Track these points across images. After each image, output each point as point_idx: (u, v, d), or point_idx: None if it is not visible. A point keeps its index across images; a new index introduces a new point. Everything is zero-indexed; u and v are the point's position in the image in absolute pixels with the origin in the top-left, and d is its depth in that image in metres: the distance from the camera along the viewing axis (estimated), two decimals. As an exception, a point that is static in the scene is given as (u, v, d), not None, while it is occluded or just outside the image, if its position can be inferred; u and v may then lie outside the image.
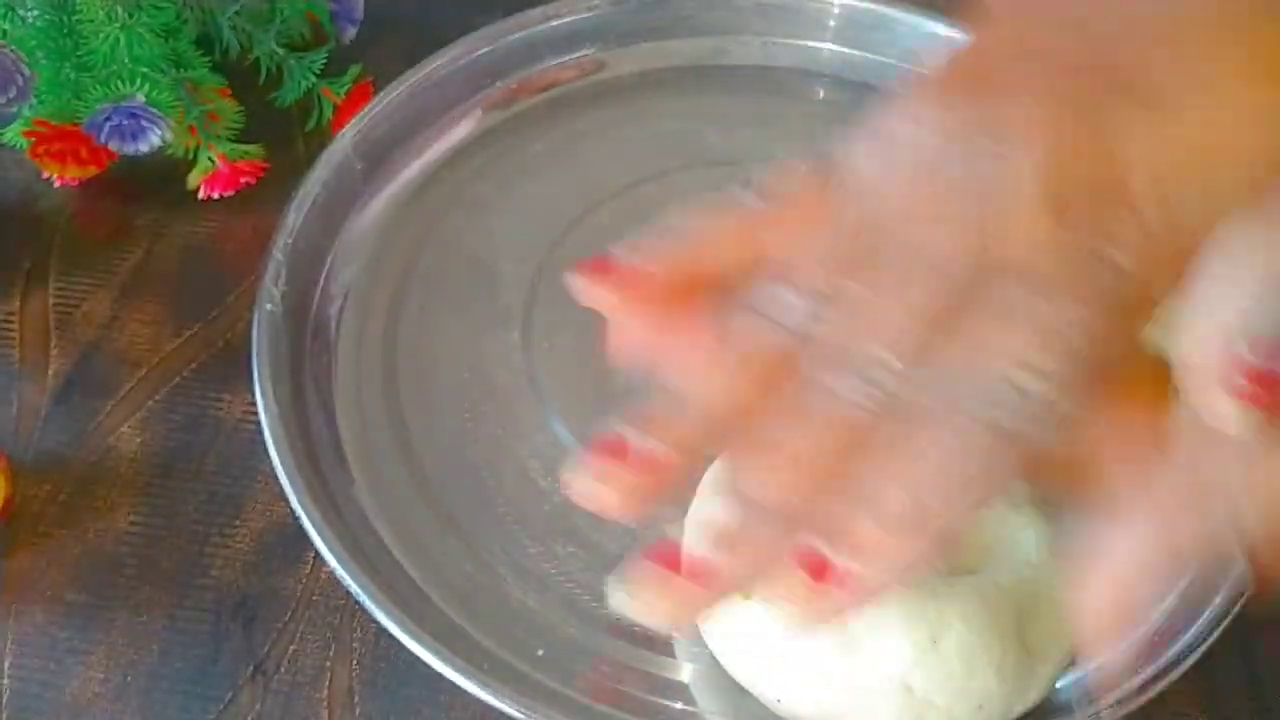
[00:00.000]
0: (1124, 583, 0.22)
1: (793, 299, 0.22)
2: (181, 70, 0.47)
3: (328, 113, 0.50)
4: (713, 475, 0.35)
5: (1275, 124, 0.22)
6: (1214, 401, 0.20)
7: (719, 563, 0.21)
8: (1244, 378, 0.20)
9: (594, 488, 0.22)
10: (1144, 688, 0.32)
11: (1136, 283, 0.21)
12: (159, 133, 0.46)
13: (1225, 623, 0.33)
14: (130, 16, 0.45)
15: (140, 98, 0.45)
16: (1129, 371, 0.23)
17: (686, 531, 0.35)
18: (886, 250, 0.22)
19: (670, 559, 0.21)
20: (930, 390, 0.21)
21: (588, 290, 0.25)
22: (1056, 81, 0.22)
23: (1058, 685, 0.34)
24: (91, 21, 0.45)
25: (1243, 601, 0.34)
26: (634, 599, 0.21)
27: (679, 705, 0.35)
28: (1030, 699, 0.33)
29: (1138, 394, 0.23)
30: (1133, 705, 0.32)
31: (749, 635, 0.33)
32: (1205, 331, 0.21)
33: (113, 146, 0.46)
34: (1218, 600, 0.34)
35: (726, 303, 0.23)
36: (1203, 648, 0.33)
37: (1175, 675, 0.33)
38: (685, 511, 0.36)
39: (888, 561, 0.20)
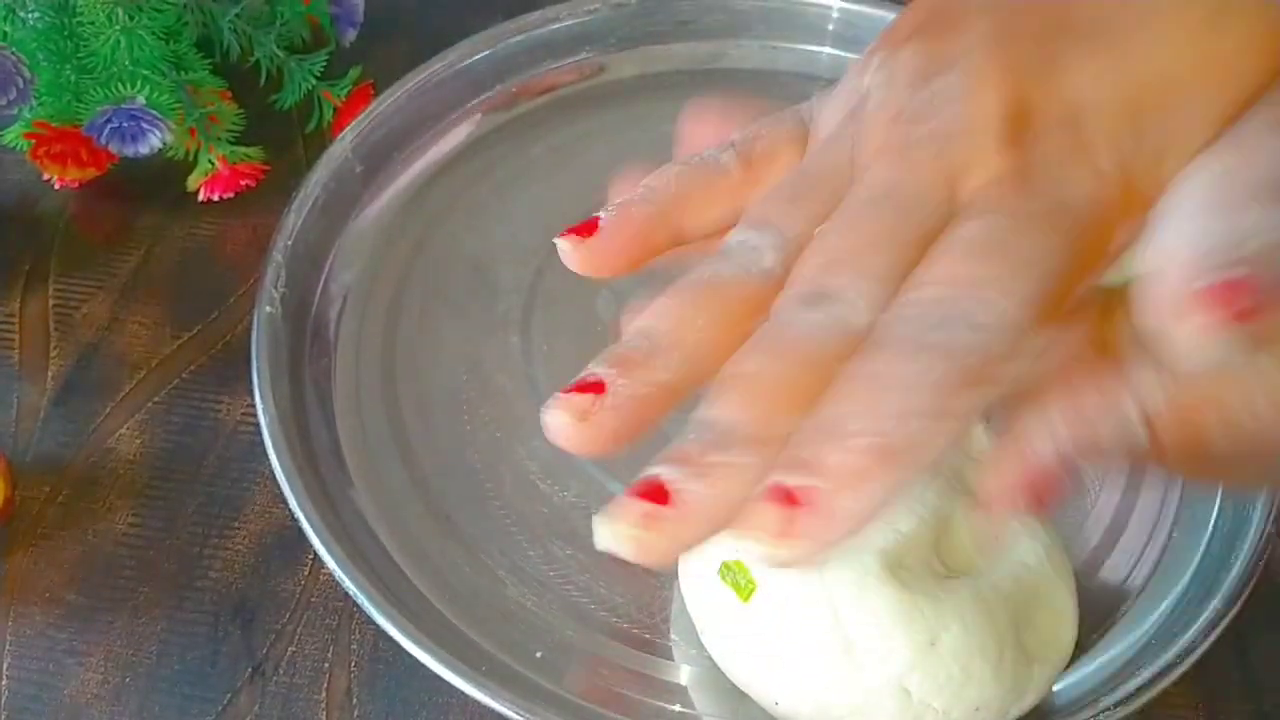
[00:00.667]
0: (1035, 463, 0.22)
1: (763, 242, 0.23)
2: (182, 72, 0.47)
3: (328, 115, 0.50)
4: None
5: (1225, 69, 0.23)
6: (1169, 326, 0.20)
7: (691, 492, 0.21)
8: (1207, 290, 0.20)
9: (570, 425, 0.22)
10: (1141, 690, 0.32)
11: (1094, 225, 0.22)
12: (159, 135, 0.46)
13: (1222, 625, 0.34)
14: (131, 19, 0.45)
15: (140, 100, 0.45)
16: (1084, 307, 0.23)
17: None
18: (854, 192, 0.23)
19: (654, 493, 0.21)
20: (899, 321, 0.21)
21: (568, 252, 0.25)
22: (1010, 21, 0.23)
23: (1055, 688, 0.34)
24: (92, 24, 0.45)
25: (1240, 604, 0.34)
26: (616, 533, 0.21)
27: (677, 708, 0.35)
28: (1028, 701, 0.33)
29: (1083, 314, 0.24)
30: (1131, 707, 0.32)
31: (747, 638, 0.33)
32: (1163, 256, 0.21)
33: (113, 148, 0.46)
34: (1215, 603, 0.34)
35: (704, 255, 0.24)
36: (1200, 650, 0.33)
37: (1173, 677, 0.33)
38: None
39: (859, 489, 0.20)
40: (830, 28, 0.51)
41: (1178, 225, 0.21)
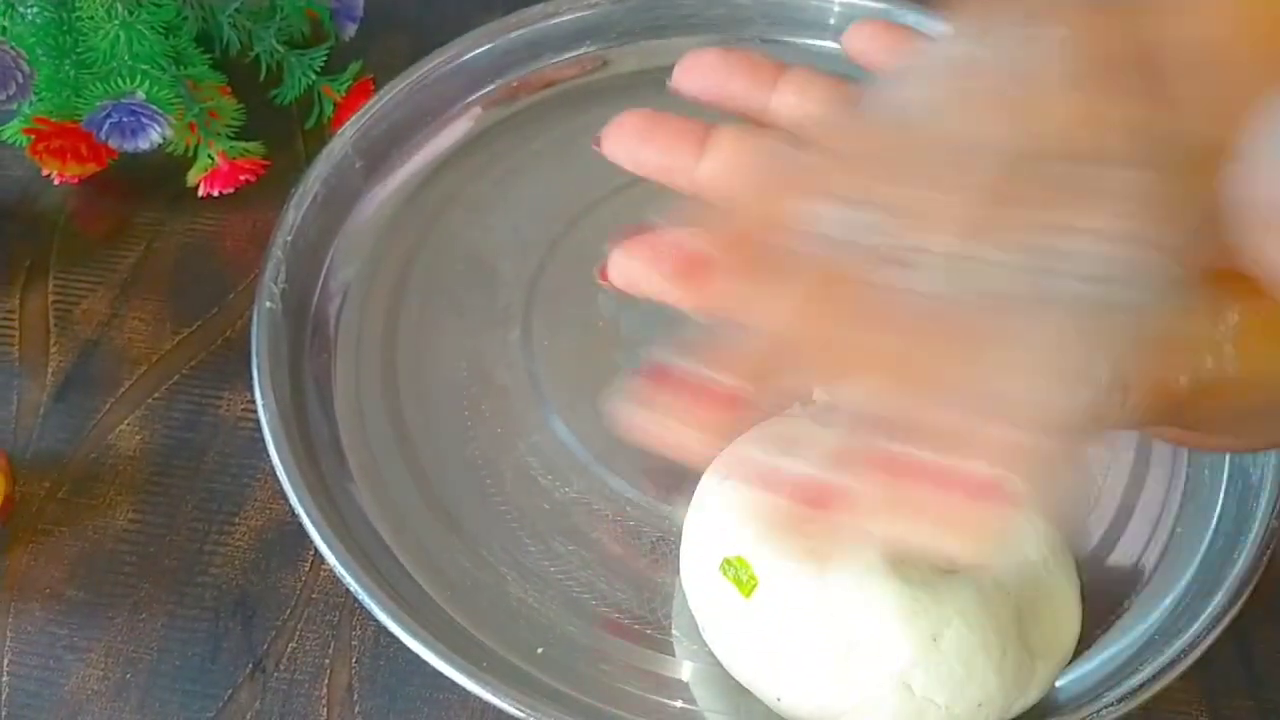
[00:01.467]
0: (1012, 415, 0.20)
1: (835, 213, 0.21)
2: (181, 67, 0.47)
3: (328, 110, 0.50)
4: (711, 472, 0.35)
5: None
6: (1269, 243, 0.19)
7: (787, 472, 0.20)
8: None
9: (672, 428, 0.20)
10: (1143, 687, 0.32)
11: (1184, 142, 0.20)
12: (159, 130, 0.46)
13: (1226, 621, 0.33)
14: (130, 13, 0.45)
15: (140, 95, 0.45)
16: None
17: (687, 527, 0.35)
18: (923, 147, 0.21)
19: (826, 497, 0.19)
20: (1006, 267, 0.20)
21: (618, 270, 0.23)
22: None
23: (1058, 684, 0.34)
24: (91, 19, 0.45)
25: (1243, 600, 0.34)
26: (784, 522, 0.20)
27: (679, 703, 0.35)
28: (1030, 697, 0.32)
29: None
30: (1134, 703, 0.32)
31: (749, 634, 0.33)
32: (1259, 178, 0.19)
33: (112, 144, 0.46)
34: (1218, 599, 0.34)
35: (779, 237, 0.22)
36: (1203, 646, 0.33)
37: (1176, 673, 0.33)
38: (685, 510, 0.36)
39: (1020, 462, 0.19)
40: (831, 21, 0.51)
41: (1274, 142, 0.20)
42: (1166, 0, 0.22)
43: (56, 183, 0.47)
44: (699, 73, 0.27)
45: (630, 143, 0.26)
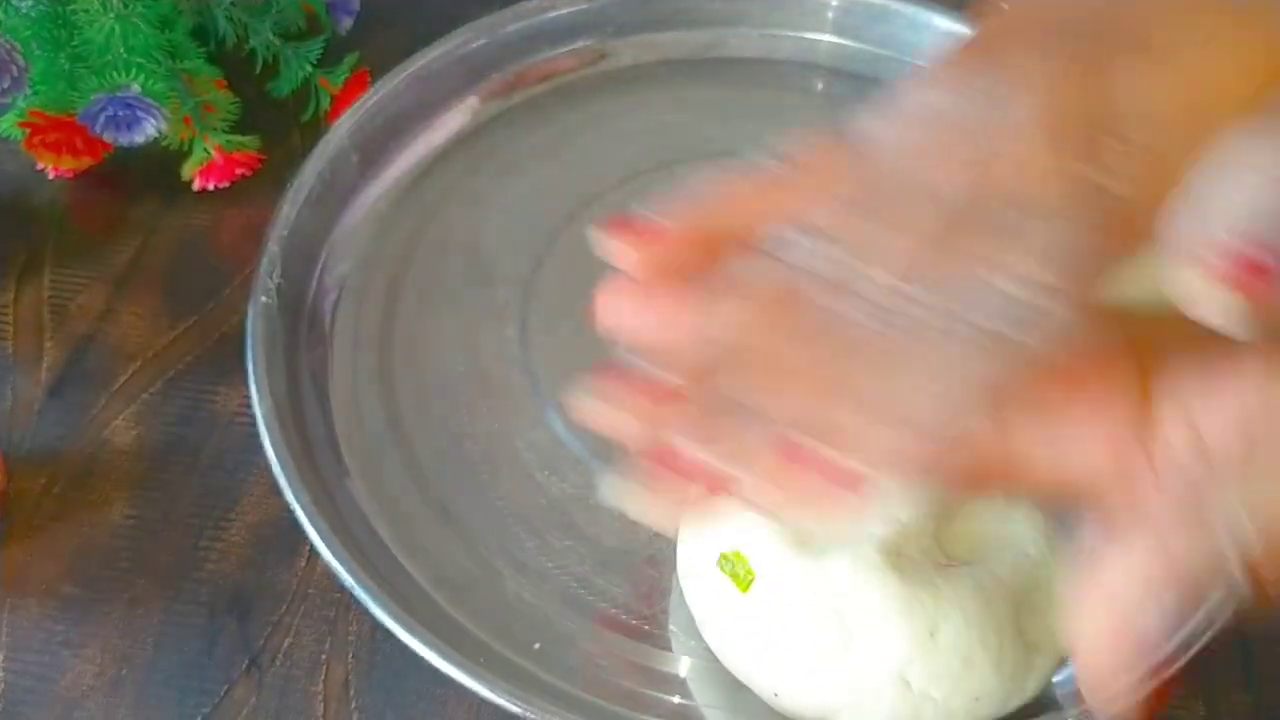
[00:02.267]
0: (1124, 606, 0.22)
1: (799, 240, 0.23)
2: (177, 61, 0.47)
3: (324, 103, 0.50)
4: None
5: (1256, 66, 0.23)
6: (1195, 281, 0.21)
7: (693, 457, 0.22)
8: (1232, 264, 0.20)
9: (605, 412, 0.23)
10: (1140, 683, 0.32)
11: (1129, 214, 0.22)
12: (154, 123, 0.46)
13: (1223, 617, 0.33)
14: (125, 6, 0.45)
15: (135, 88, 0.45)
16: (1107, 366, 0.24)
17: (684, 522, 0.35)
18: (890, 190, 0.23)
19: (674, 462, 0.22)
20: (928, 306, 0.22)
21: (609, 246, 0.25)
22: (1055, 38, 0.24)
23: (1055, 679, 0.34)
24: (86, 11, 0.45)
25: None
26: (626, 492, 0.22)
27: (676, 699, 0.35)
28: (1028, 692, 0.32)
29: (1117, 388, 0.24)
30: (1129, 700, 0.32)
31: (746, 629, 0.33)
32: (1197, 219, 0.22)
33: (108, 137, 0.46)
34: (1215, 594, 0.34)
35: (744, 255, 0.24)
36: (1200, 642, 0.33)
37: (1173, 670, 0.33)
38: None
39: (893, 464, 0.21)
40: (830, 15, 0.51)
41: (1216, 183, 0.22)
42: (1126, 65, 0.23)
43: (51, 177, 0.47)
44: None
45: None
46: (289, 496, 0.36)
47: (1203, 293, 0.21)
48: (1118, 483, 0.23)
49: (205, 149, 0.47)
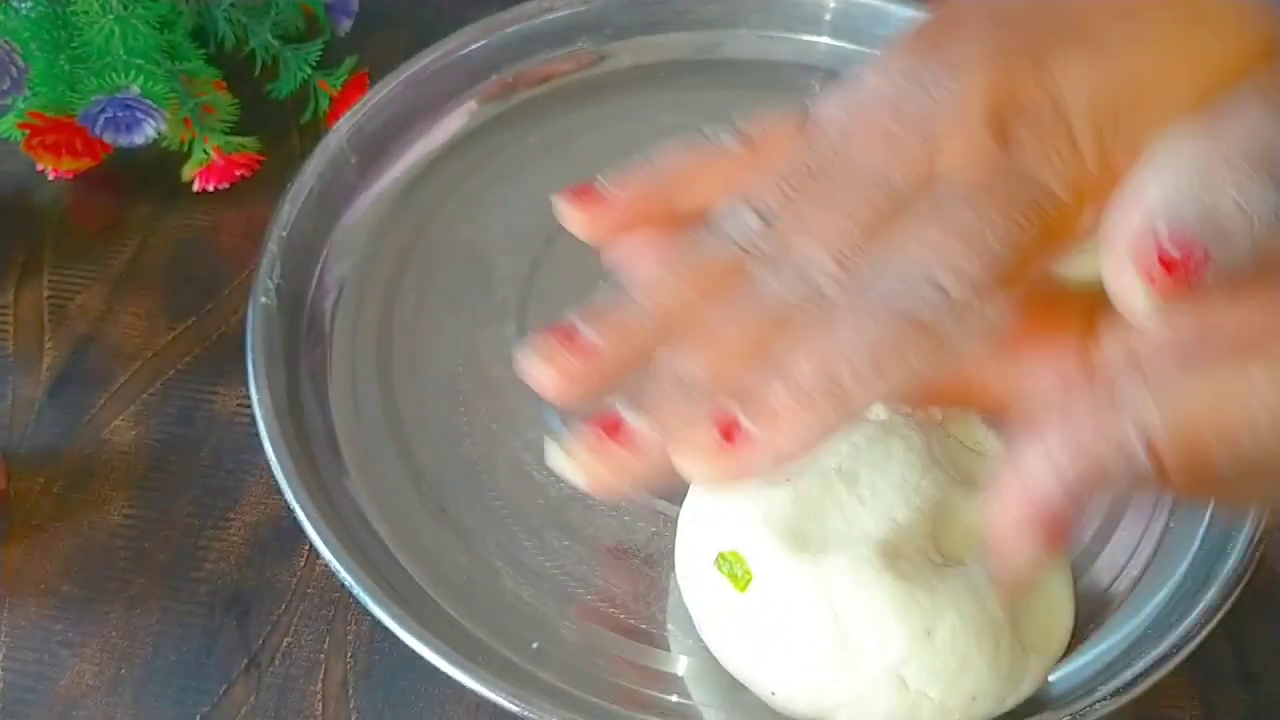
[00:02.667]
0: (1036, 491, 0.22)
1: (745, 216, 0.24)
2: (176, 62, 0.47)
3: (323, 105, 0.50)
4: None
5: (1201, 64, 0.24)
6: (1122, 275, 0.21)
7: (641, 427, 0.22)
8: (1154, 259, 0.21)
9: (538, 366, 0.24)
10: (1136, 681, 0.32)
11: (1064, 207, 0.23)
12: (154, 125, 0.46)
13: (1218, 616, 0.34)
14: (125, 8, 0.45)
15: (135, 89, 0.45)
16: (1057, 306, 0.24)
17: (682, 521, 0.35)
18: (835, 172, 0.24)
19: (610, 426, 0.23)
20: (855, 278, 0.23)
21: (567, 213, 0.26)
22: (1004, 28, 0.25)
23: (1051, 678, 0.34)
24: (86, 13, 0.45)
25: (1236, 595, 0.34)
26: (569, 459, 0.23)
27: (674, 698, 0.35)
28: (1024, 691, 0.33)
29: (1067, 327, 0.24)
30: (1127, 697, 0.32)
31: (743, 628, 0.33)
32: (1130, 208, 0.22)
33: (107, 138, 0.46)
34: (1211, 593, 0.34)
35: (692, 227, 0.25)
36: (1196, 640, 0.33)
37: (1169, 667, 0.33)
38: (680, 506, 0.36)
39: (793, 428, 0.22)
40: (827, 18, 0.51)
41: (1152, 177, 0.22)
42: (1065, 55, 0.24)
43: (51, 178, 0.47)
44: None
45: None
46: (288, 496, 0.36)
47: (1126, 288, 0.21)
48: (1054, 392, 0.24)
49: (205, 150, 0.47)
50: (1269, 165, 0.22)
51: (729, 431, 0.22)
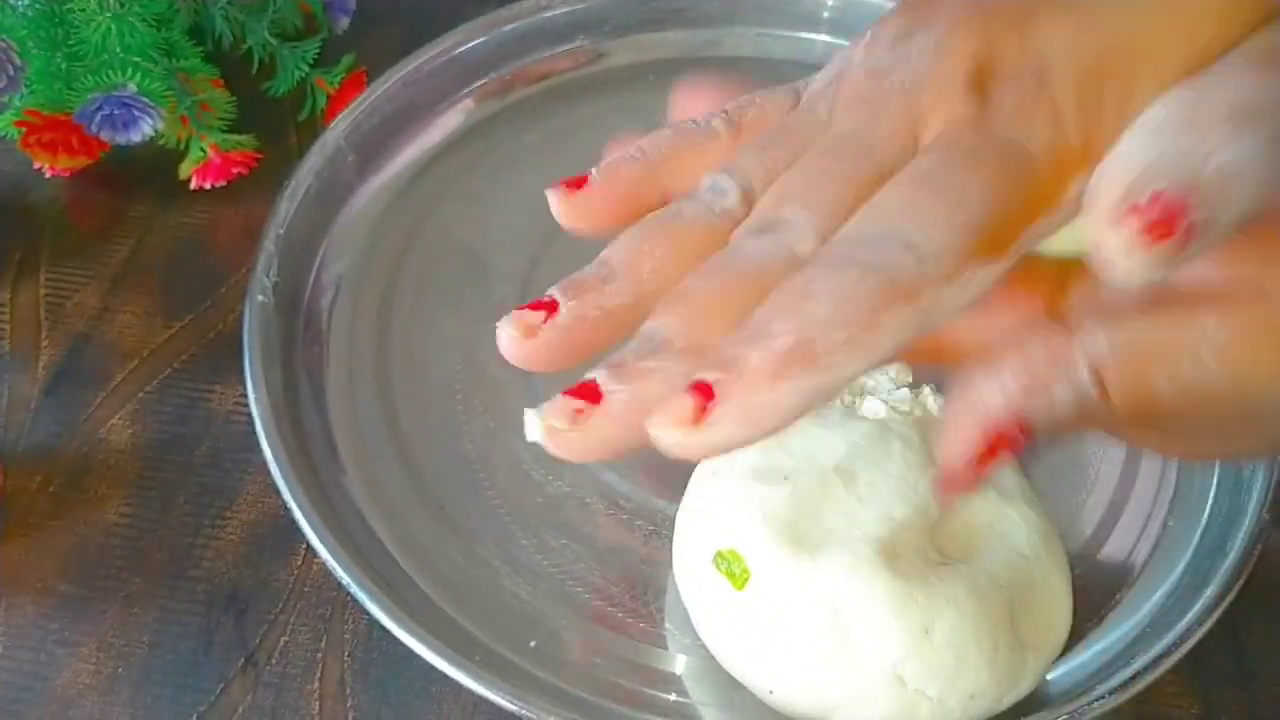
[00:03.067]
0: (986, 412, 0.22)
1: (729, 184, 0.24)
2: (173, 60, 0.47)
3: (320, 103, 0.50)
4: (703, 466, 0.35)
5: (1186, 24, 0.23)
6: (1105, 237, 0.21)
7: (620, 394, 0.22)
8: (1141, 221, 0.21)
9: (517, 340, 0.24)
10: (1135, 679, 0.32)
11: (1042, 172, 0.23)
12: (151, 122, 0.46)
13: (1216, 615, 0.34)
14: (122, 6, 0.45)
15: (132, 87, 0.45)
16: (1030, 270, 0.24)
17: (680, 520, 0.35)
18: (820, 142, 0.24)
19: (587, 393, 0.23)
20: (836, 242, 0.23)
21: (558, 205, 0.26)
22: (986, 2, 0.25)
23: (1049, 677, 0.34)
24: (83, 11, 0.45)
25: (1234, 593, 0.34)
26: (545, 426, 0.23)
27: (672, 697, 0.35)
28: (1022, 689, 0.33)
29: (1038, 288, 0.25)
30: (1125, 695, 0.32)
31: (741, 626, 0.33)
32: (1116, 169, 0.22)
33: (104, 136, 0.46)
34: (1208, 591, 0.34)
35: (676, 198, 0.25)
36: (1195, 638, 0.33)
37: (1167, 665, 0.33)
38: (678, 504, 0.36)
39: (774, 388, 0.21)
40: (825, 15, 0.51)
41: (1141, 138, 0.22)
42: (1049, 19, 0.24)
43: (48, 176, 0.47)
44: (696, 98, 0.29)
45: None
46: (285, 495, 0.36)
47: (1111, 249, 0.21)
48: (1018, 338, 0.24)
49: (202, 148, 0.47)
50: (1258, 124, 0.22)
51: (703, 400, 0.21)
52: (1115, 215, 0.21)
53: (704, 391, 0.21)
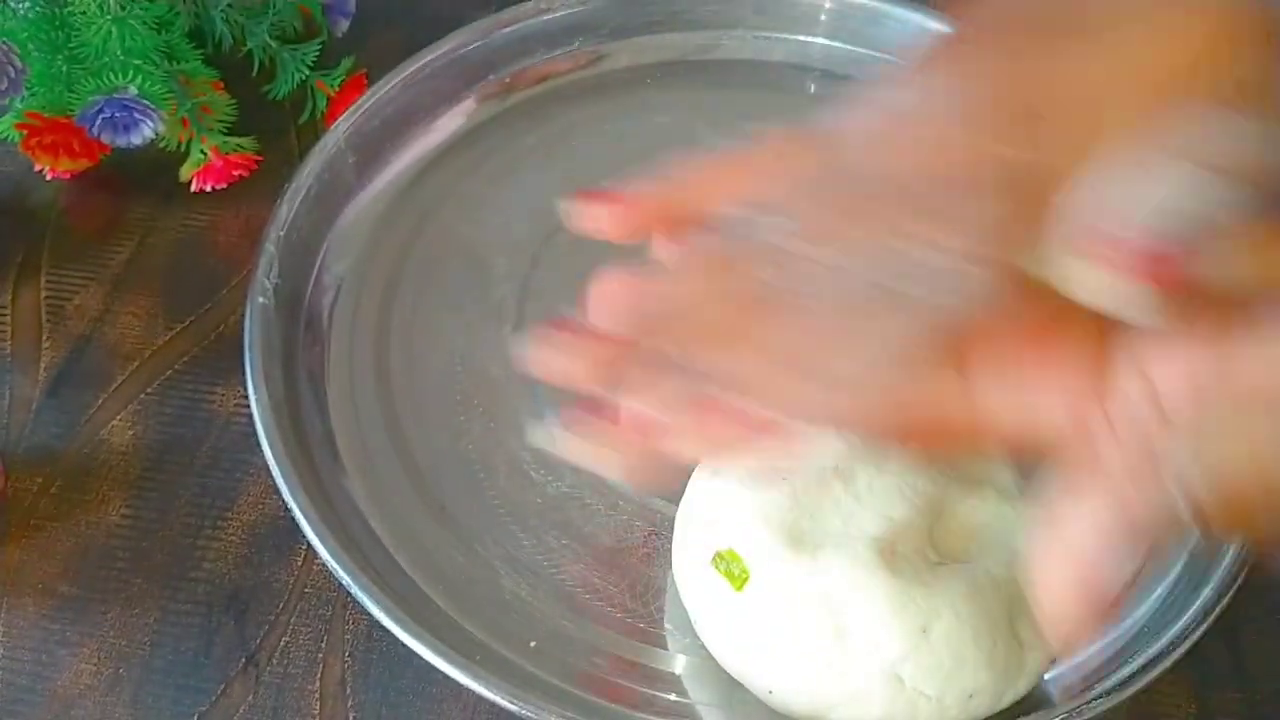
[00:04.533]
0: (1082, 557, 0.22)
1: (753, 216, 0.25)
2: (174, 63, 0.47)
3: (321, 105, 0.50)
4: (703, 467, 0.36)
5: (1177, 43, 0.24)
6: (1094, 277, 0.22)
7: (627, 407, 0.24)
8: (1135, 257, 0.22)
9: (551, 357, 0.25)
10: (1132, 679, 0.32)
11: (1037, 175, 0.24)
12: (151, 125, 0.46)
13: (1213, 614, 0.34)
14: (122, 9, 0.45)
15: (132, 90, 0.45)
16: (1063, 322, 0.25)
17: (679, 520, 0.36)
18: (844, 176, 0.25)
19: (600, 408, 0.24)
20: (859, 277, 0.24)
21: (583, 214, 0.27)
22: (1009, 35, 0.26)
23: (1047, 676, 0.34)
24: (84, 14, 0.45)
25: (1231, 593, 0.34)
26: (560, 436, 0.25)
27: (672, 697, 0.35)
28: (1020, 688, 0.33)
29: (1072, 344, 0.25)
30: (1123, 695, 0.32)
31: (740, 626, 0.33)
32: (1095, 209, 0.23)
33: (105, 139, 0.46)
34: (1206, 592, 0.34)
35: (703, 229, 0.26)
36: (1191, 639, 0.33)
37: (1165, 665, 0.33)
38: (677, 505, 0.36)
39: (783, 402, 0.23)
40: (822, 19, 0.51)
41: (1107, 183, 0.23)
42: (1064, 49, 0.25)
43: (49, 178, 0.47)
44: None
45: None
46: (286, 496, 0.36)
47: (1099, 281, 0.22)
48: (1076, 435, 0.24)
49: (202, 150, 0.47)
50: (1215, 165, 0.22)
51: (750, 424, 0.23)
52: (1114, 262, 0.22)
53: (711, 407, 0.23)
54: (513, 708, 0.32)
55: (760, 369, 0.23)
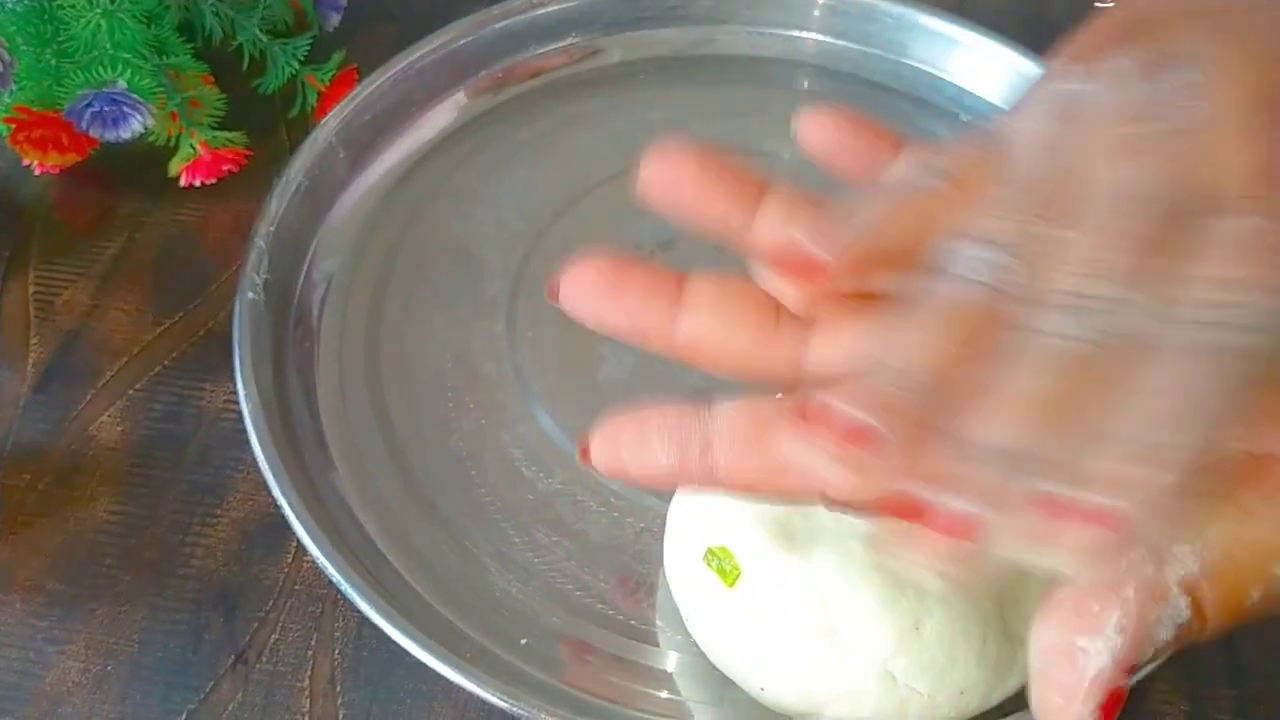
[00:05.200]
0: (1100, 683, 0.21)
1: (981, 254, 0.21)
2: (163, 57, 0.47)
3: (311, 100, 0.50)
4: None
5: None
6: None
7: (960, 508, 0.20)
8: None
9: (830, 468, 0.20)
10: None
11: None
12: (140, 119, 0.45)
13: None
14: (112, 2, 0.45)
15: (122, 84, 0.45)
16: None
17: (671, 517, 0.35)
18: (1076, 192, 0.21)
19: (909, 509, 0.20)
20: (1147, 319, 0.20)
21: (770, 281, 0.23)
22: (1231, 17, 0.22)
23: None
24: (73, 7, 0.45)
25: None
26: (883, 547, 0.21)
27: (664, 694, 0.35)
28: (1011, 685, 0.33)
29: None
30: (1114, 693, 0.32)
31: (732, 624, 0.33)
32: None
33: (94, 133, 0.46)
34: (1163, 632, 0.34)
35: (910, 276, 0.22)
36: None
37: (1157, 662, 0.33)
38: (669, 499, 0.36)
39: (1134, 495, 0.19)
40: (816, 14, 0.51)
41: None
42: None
43: (37, 173, 0.47)
44: (676, 187, 0.25)
45: (594, 300, 0.25)
46: (275, 492, 0.36)
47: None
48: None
49: (192, 145, 0.47)
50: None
51: (1052, 510, 0.19)
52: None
53: (1057, 508, 0.19)
54: (503, 705, 0.32)
55: (1077, 445, 0.19)
